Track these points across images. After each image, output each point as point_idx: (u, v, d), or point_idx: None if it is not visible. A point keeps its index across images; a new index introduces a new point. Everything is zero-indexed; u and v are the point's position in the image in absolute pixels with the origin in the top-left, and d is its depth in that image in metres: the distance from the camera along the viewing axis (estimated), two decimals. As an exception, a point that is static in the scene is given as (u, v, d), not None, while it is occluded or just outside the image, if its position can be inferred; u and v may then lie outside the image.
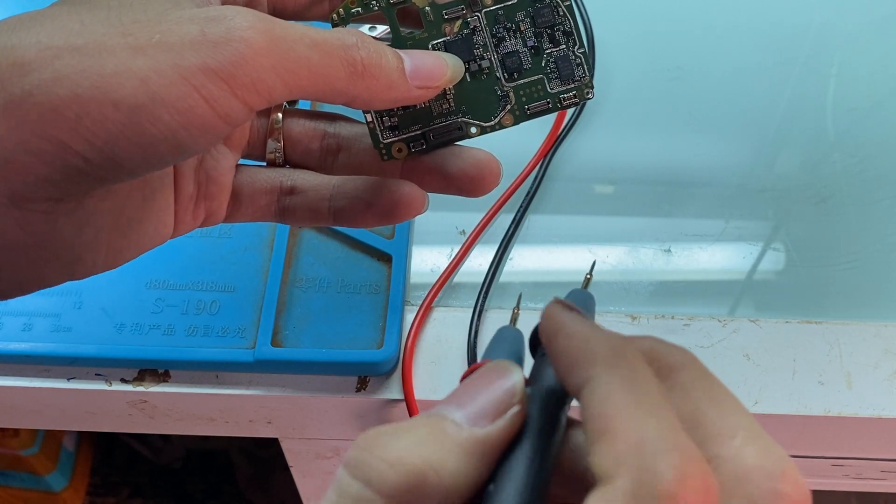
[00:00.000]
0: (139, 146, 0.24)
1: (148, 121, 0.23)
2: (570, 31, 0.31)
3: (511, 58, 0.31)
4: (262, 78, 0.24)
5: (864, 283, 0.47)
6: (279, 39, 0.25)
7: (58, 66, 0.23)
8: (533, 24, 0.31)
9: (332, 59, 0.26)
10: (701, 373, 0.21)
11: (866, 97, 0.54)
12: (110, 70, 0.23)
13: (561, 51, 0.31)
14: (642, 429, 0.18)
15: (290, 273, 0.45)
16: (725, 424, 0.19)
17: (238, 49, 0.24)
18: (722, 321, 0.45)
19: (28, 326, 0.43)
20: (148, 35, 0.24)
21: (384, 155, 0.31)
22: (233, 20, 0.24)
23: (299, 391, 0.43)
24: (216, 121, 0.24)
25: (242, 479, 0.99)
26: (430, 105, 0.31)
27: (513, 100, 0.31)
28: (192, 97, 0.24)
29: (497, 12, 0.31)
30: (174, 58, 0.23)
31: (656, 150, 0.52)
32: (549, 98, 0.31)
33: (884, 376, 0.43)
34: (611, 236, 0.49)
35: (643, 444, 0.18)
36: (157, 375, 0.43)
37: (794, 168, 0.52)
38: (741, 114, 0.54)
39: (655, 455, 0.17)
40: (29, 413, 0.46)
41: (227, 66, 0.24)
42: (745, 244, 0.49)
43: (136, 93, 0.23)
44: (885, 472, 0.49)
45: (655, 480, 0.17)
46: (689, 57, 0.56)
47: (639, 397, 0.19)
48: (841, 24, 0.58)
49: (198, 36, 0.24)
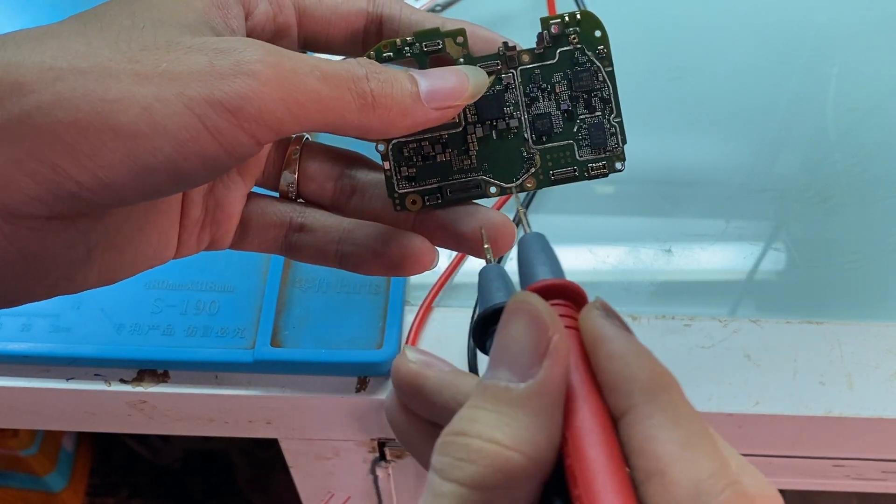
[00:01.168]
0: (137, 175, 0.23)
1: (147, 150, 0.23)
2: (608, 99, 0.30)
3: (542, 119, 0.30)
4: (270, 110, 0.24)
5: (865, 283, 0.47)
6: (288, 72, 0.24)
7: (59, 88, 0.23)
8: (570, 87, 0.30)
9: (341, 91, 0.25)
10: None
11: (867, 97, 0.54)
12: (113, 96, 0.23)
13: (596, 118, 0.30)
14: (696, 470, 0.19)
15: (290, 273, 0.45)
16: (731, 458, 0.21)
17: (246, 82, 0.23)
18: (723, 321, 0.45)
19: (27, 326, 0.43)
20: (155, 63, 0.23)
21: (397, 205, 0.30)
22: (242, 52, 0.24)
23: (299, 391, 0.43)
24: (220, 153, 0.24)
25: (242, 480, 0.99)
26: (451, 159, 0.30)
27: (538, 163, 0.30)
28: (195, 128, 0.23)
29: (533, 71, 0.30)
30: (179, 87, 0.23)
31: (657, 150, 0.52)
32: (577, 166, 0.30)
33: (885, 377, 0.43)
34: (611, 236, 0.49)
35: (700, 486, 0.19)
36: (157, 376, 0.43)
37: (794, 168, 0.52)
38: (742, 114, 0.54)
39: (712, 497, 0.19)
40: (28, 413, 0.46)
41: (234, 99, 0.23)
42: (746, 244, 0.49)
43: (138, 120, 0.23)
44: (886, 472, 0.48)
45: None
46: (689, 57, 0.56)
47: (686, 435, 0.20)
48: (842, 24, 0.58)
49: (206, 67, 0.23)
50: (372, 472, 0.51)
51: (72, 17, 0.25)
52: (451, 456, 0.19)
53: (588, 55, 0.30)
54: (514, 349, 0.21)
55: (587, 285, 0.50)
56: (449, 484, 0.19)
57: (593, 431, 0.20)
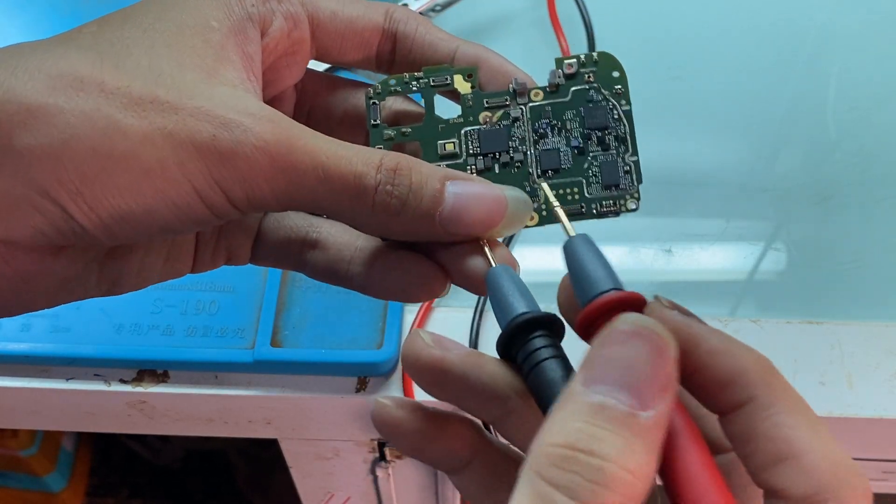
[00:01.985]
0: (135, 227, 0.24)
1: (145, 210, 0.24)
2: (623, 137, 0.29)
3: (549, 155, 0.29)
4: (258, 196, 0.24)
5: (866, 283, 0.47)
6: (288, 168, 0.24)
7: (68, 136, 0.23)
8: (582, 124, 0.29)
9: (340, 197, 0.25)
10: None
11: (867, 97, 0.54)
12: (119, 153, 0.23)
13: (609, 156, 0.29)
14: (834, 456, 0.20)
15: (290, 273, 0.45)
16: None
17: (241, 168, 0.24)
18: (723, 321, 0.45)
19: (27, 326, 0.43)
20: (161, 124, 0.23)
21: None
22: (245, 133, 0.24)
23: (299, 392, 0.43)
24: (209, 217, 0.25)
25: (242, 480, 0.99)
26: None
27: (542, 198, 0.29)
28: (189, 195, 0.24)
29: (544, 107, 0.29)
30: (180, 157, 0.23)
31: (657, 150, 0.52)
32: (584, 203, 0.29)
33: (885, 377, 0.43)
34: (611, 236, 0.49)
35: (838, 473, 0.20)
36: (156, 376, 0.43)
37: (795, 168, 0.52)
38: (742, 114, 0.54)
39: (852, 475, 0.20)
40: (28, 413, 0.46)
41: (227, 181, 0.24)
42: (746, 244, 0.49)
43: (139, 182, 0.23)
44: (886, 472, 0.48)
45: (861, 494, 0.20)
46: (689, 57, 0.56)
47: (810, 421, 0.21)
48: (842, 23, 0.58)
49: (207, 140, 0.23)
50: (372, 473, 0.51)
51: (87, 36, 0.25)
52: (580, 476, 0.19)
53: (604, 94, 0.29)
54: (636, 372, 0.20)
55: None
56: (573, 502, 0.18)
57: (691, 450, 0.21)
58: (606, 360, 0.20)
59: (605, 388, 0.20)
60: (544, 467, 0.19)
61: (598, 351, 0.21)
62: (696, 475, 0.20)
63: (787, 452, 0.20)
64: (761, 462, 0.21)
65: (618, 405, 0.20)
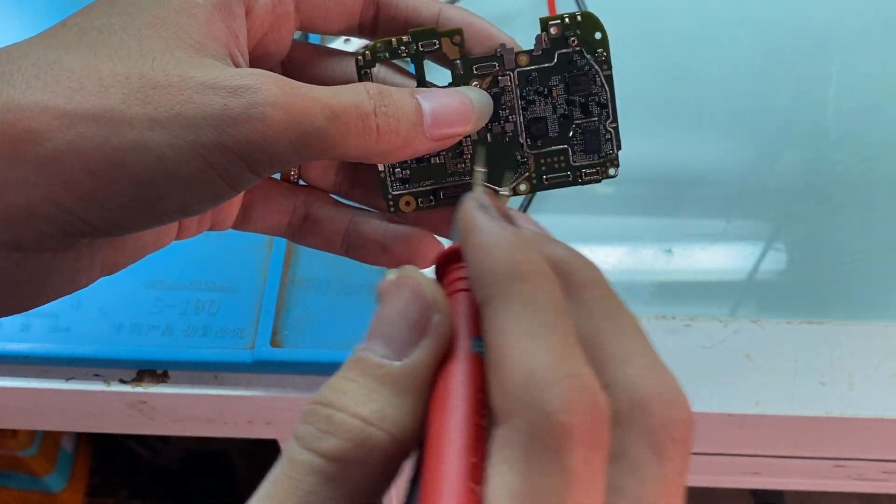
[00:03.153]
0: (146, 216, 0.24)
1: (159, 196, 0.24)
2: (605, 104, 0.29)
3: (538, 124, 0.30)
4: (279, 154, 0.24)
5: (866, 283, 0.47)
6: (299, 116, 0.24)
7: (72, 136, 0.23)
8: (567, 90, 0.29)
9: (349, 129, 0.25)
10: (606, 293, 0.21)
11: (868, 97, 0.54)
12: (126, 144, 0.23)
13: (592, 123, 0.30)
14: (531, 360, 0.18)
15: (290, 273, 0.45)
16: (623, 349, 0.19)
17: (258, 128, 0.24)
18: (723, 321, 0.45)
19: (26, 327, 0.43)
20: (168, 105, 0.23)
21: (391, 207, 0.30)
22: (255, 94, 0.24)
23: (299, 392, 0.43)
24: (225, 190, 0.25)
25: (242, 481, 0.99)
26: (445, 161, 0.30)
27: (532, 167, 0.30)
28: (206, 173, 0.24)
29: (531, 73, 0.29)
30: (193, 134, 0.23)
31: (657, 150, 0.52)
32: (570, 171, 0.30)
33: (885, 377, 0.43)
34: (611, 236, 0.49)
35: (531, 377, 0.17)
36: (156, 376, 0.43)
37: (795, 168, 0.52)
38: (742, 113, 0.54)
39: (543, 389, 0.17)
40: (27, 413, 0.46)
41: (245, 145, 0.24)
42: (747, 244, 0.49)
43: (151, 168, 0.23)
44: (887, 472, 0.48)
45: (545, 416, 0.17)
46: (689, 57, 0.56)
47: (532, 324, 0.18)
48: (842, 23, 0.58)
49: (219, 110, 0.23)
50: (372, 473, 0.51)
51: (73, 29, 0.25)
52: (314, 425, 0.19)
53: (587, 58, 0.29)
54: (393, 324, 0.20)
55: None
56: (307, 453, 0.19)
57: (457, 409, 0.19)
58: (374, 316, 0.21)
59: (368, 342, 0.20)
60: (296, 425, 0.19)
61: (376, 307, 0.21)
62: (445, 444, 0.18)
63: (493, 361, 0.18)
64: (487, 381, 0.19)
65: (371, 357, 0.20)
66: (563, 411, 0.17)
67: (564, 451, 0.17)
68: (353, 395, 0.19)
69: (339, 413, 0.19)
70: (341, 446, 0.19)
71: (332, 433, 0.19)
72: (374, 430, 0.19)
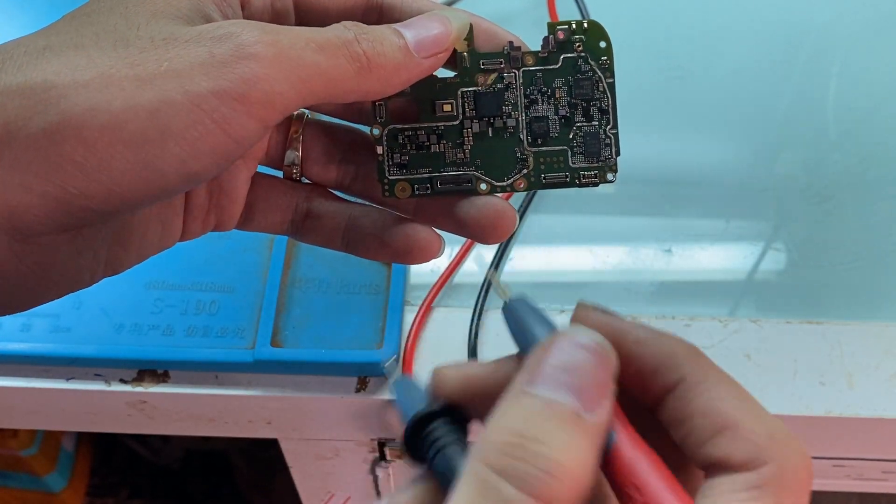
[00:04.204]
0: (147, 182, 0.23)
1: (158, 155, 0.23)
2: (606, 109, 0.30)
3: (539, 122, 0.30)
4: (276, 90, 0.24)
5: (866, 283, 0.47)
6: (287, 49, 0.24)
7: (63, 106, 0.22)
8: (570, 93, 0.30)
9: (338, 58, 0.25)
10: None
11: (867, 97, 0.54)
12: (118, 106, 0.23)
13: (592, 127, 0.30)
14: (768, 424, 0.21)
15: (290, 273, 0.45)
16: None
17: (248, 66, 0.23)
18: (723, 321, 0.45)
19: (27, 326, 0.43)
20: (156, 63, 0.23)
21: (386, 191, 0.30)
22: (239, 37, 0.24)
23: (299, 391, 0.43)
24: (229, 144, 0.24)
25: (242, 480, 0.99)
26: (444, 150, 0.30)
27: (531, 165, 0.30)
28: (202, 123, 0.23)
29: (535, 73, 0.30)
30: (184, 84, 0.23)
31: (657, 150, 0.52)
32: (568, 172, 0.30)
33: (885, 377, 0.43)
34: (611, 236, 0.49)
35: (774, 437, 0.21)
36: (157, 376, 0.43)
37: (795, 168, 0.52)
38: (742, 113, 0.54)
39: (789, 443, 0.21)
40: (28, 413, 0.46)
41: (240, 85, 0.23)
42: (746, 244, 0.49)
43: (145, 127, 0.23)
44: (887, 472, 0.48)
45: (796, 463, 0.21)
46: (689, 57, 0.56)
47: (740, 393, 0.22)
48: (842, 23, 0.58)
49: (206, 57, 0.23)
50: (372, 473, 0.51)
51: (65, 19, 0.25)
52: (529, 463, 0.19)
53: (591, 64, 0.30)
54: (581, 377, 0.21)
55: (587, 285, 0.50)
56: (523, 495, 0.19)
57: (634, 447, 0.21)
58: (551, 365, 0.21)
59: (549, 388, 0.20)
60: (491, 454, 0.19)
61: (541, 356, 0.21)
62: (648, 472, 0.21)
63: (723, 424, 0.21)
64: (699, 438, 0.21)
65: (564, 404, 0.20)
66: (807, 462, 0.21)
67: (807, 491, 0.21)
68: (560, 440, 0.20)
69: (559, 455, 0.19)
70: (565, 494, 0.19)
71: (556, 477, 0.19)
72: (585, 482, 0.20)
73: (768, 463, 0.20)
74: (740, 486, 0.20)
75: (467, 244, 0.46)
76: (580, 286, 0.46)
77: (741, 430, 0.21)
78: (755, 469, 0.21)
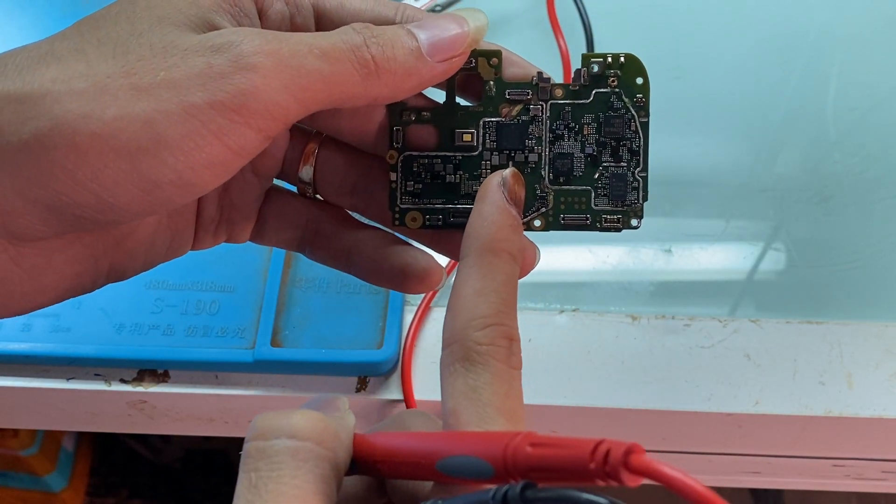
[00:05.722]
0: (142, 192, 0.23)
1: (151, 165, 0.23)
2: (636, 151, 0.29)
3: (563, 160, 0.28)
4: (275, 101, 0.23)
5: (865, 283, 0.47)
6: (288, 57, 0.23)
7: (56, 112, 0.22)
8: (598, 130, 0.28)
9: (343, 64, 0.24)
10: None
11: (867, 97, 0.54)
12: (111, 115, 0.22)
13: (620, 168, 0.28)
14: (474, 311, 0.24)
15: (290, 273, 0.45)
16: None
17: (246, 77, 0.23)
18: (722, 321, 0.45)
19: (27, 326, 0.43)
20: (153, 73, 0.23)
21: (396, 220, 0.29)
22: (238, 46, 0.23)
23: (299, 391, 0.43)
24: (227, 155, 0.24)
25: (242, 480, 0.99)
26: (460, 181, 0.29)
27: (550, 203, 0.29)
28: (199, 134, 0.23)
29: (564, 107, 0.28)
30: (180, 95, 0.23)
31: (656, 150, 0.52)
32: (590, 214, 0.29)
33: (885, 376, 0.43)
34: (611, 236, 0.49)
35: (469, 322, 0.23)
36: (157, 376, 0.43)
37: (794, 168, 0.52)
38: (742, 113, 0.54)
39: (473, 330, 0.23)
40: (28, 413, 0.46)
41: (237, 97, 0.23)
42: (746, 244, 0.49)
43: (139, 137, 0.22)
44: (886, 472, 0.48)
45: (473, 345, 0.23)
46: (689, 57, 0.56)
47: (483, 286, 0.24)
48: (842, 24, 0.58)
49: (204, 69, 0.23)
50: (372, 472, 0.51)
51: (76, 24, 0.25)
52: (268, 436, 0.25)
53: (624, 101, 0.29)
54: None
55: (587, 285, 0.50)
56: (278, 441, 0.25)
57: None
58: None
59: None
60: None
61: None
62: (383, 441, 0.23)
63: (451, 304, 0.25)
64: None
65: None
66: (485, 344, 0.23)
67: (487, 364, 0.23)
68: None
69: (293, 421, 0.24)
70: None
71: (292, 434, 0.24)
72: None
73: (447, 347, 0.24)
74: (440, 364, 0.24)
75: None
76: (580, 286, 0.47)
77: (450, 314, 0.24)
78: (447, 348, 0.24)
